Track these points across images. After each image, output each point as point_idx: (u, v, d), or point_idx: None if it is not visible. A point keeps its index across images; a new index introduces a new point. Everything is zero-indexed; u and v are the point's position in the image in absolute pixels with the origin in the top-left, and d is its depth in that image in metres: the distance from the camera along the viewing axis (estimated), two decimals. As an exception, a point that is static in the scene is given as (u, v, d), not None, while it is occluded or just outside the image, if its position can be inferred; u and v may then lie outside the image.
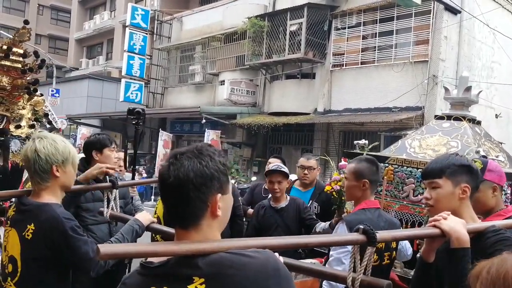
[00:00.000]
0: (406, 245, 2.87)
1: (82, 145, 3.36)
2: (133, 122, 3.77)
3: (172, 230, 1.27)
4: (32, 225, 1.88)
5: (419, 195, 3.24)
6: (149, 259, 1.15)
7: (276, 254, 1.48)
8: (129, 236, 1.99)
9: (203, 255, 1.10)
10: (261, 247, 1.18)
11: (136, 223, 2.05)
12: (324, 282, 2.50)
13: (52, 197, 2.00)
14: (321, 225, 3.53)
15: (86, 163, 3.04)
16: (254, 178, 14.00)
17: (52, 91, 22.49)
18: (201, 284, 1.07)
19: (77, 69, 30.51)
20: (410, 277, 2.52)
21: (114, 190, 2.31)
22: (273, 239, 1.29)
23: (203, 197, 1.16)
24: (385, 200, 3.37)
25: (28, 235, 1.89)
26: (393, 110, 12.45)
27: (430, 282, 1.72)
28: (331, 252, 2.55)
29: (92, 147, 3.08)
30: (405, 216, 3.33)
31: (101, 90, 23.79)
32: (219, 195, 1.18)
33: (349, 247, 2.41)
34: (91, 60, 31.55)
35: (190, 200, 1.15)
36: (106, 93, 23.35)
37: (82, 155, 3.13)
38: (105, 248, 0.99)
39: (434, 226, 1.58)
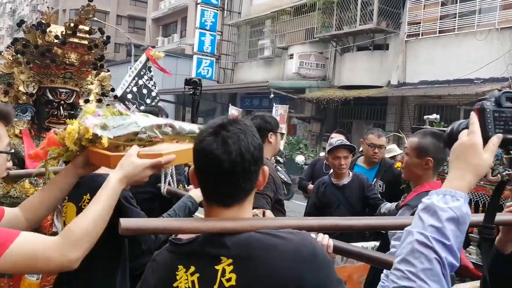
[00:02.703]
0: None
1: None
2: (190, 92, 3.81)
3: None
4: (88, 195, 1.93)
5: (498, 174, 2.93)
6: (179, 236, 1.11)
7: (326, 236, 1.37)
8: (181, 213, 1.99)
9: (232, 234, 1.03)
10: (298, 227, 1.09)
11: (189, 199, 2.03)
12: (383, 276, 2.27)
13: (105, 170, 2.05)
14: (387, 205, 3.31)
15: None
16: (322, 154, 13.79)
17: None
18: (228, 265, 1.01)
19: (154, 47, 31.64)
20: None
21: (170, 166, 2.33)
22: (312, 219, 1.19)
23: (258, 171, 1.12)
24: (460, 180, 3.09)
25: (84, 205, 1.95)
26: (475, 81, 11.55)
27: (508, 275, 1.49)
28: (392, 242, 2.25)
29: None
30: (482, 198, 3.04)
31: (175, 67, 24.50)
32: (265, 166, 1.14)
33: None
34: (166, 38, 32.68)
35: (250, 175, 1.09)
36: (180, 69, 24.00)
37: None
38: (127, 222, 0.96)
39: None
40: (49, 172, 1.74)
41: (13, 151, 1.53)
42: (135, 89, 8.28)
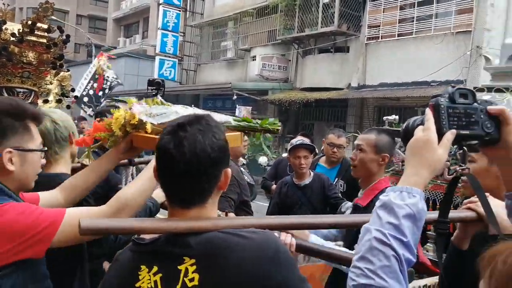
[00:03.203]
0: None
1: None
2: (153, 93, 3.75)
3: None
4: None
5: (454, 173, 3.03)
6: (142, 236, 1.10)
7: (289, 235, 1.38)
8: (141, 213, 1.96)
9: (196, 234, 1.02)
10: (261, 226, 1.10)
11: (150, 200, 2.00)
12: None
13: (63, 168, 2.01)
14: (347, 204, 3.36)
15: None
16: (285, 155, 13.89)
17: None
18: (191, 265, 1.00)
19: (115, 48, 31.02)
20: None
21: (130, 167, 2.30)
22: (276, 218, 1.20)
23: (218, 173, 1.09)
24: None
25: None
26: (431, 84, 11.96)
27: (463, 271, 1.53)
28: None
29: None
30: (440, 196, 3.15)
31: (137, 68, 24.10)
32: (228, 168, 1.12)
33: None
34: (128, 39, 32.06)
35: (207, 177, 1.07)
36: (142, 70, 23.64)
37: None
38: (86, 222, 0.94)
39: (469, 208, 1.37)
40: (91, 158, 1.90)
41: (45, 149, 1.63)
42: (91, 92, 8.15)
